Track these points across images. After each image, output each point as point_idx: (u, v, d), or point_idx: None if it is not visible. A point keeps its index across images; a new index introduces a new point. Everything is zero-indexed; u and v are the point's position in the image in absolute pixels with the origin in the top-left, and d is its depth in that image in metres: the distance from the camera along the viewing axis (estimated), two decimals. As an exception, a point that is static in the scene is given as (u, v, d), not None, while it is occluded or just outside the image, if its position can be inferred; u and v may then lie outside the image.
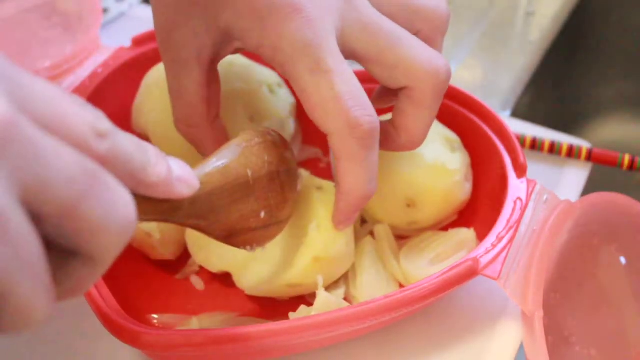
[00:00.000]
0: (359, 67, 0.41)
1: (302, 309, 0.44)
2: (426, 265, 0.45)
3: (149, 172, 0.27)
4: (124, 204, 0.24)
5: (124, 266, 0.45)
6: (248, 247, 0.37)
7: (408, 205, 0.46)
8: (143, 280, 0.46)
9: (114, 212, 0.23)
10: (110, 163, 0.24)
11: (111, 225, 0.23)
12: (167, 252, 0.46)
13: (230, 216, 0.35)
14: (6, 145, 0.21)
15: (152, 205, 0.29)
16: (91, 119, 0.24)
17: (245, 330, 0.38)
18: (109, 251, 0.24)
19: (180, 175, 0.29)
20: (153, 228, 0.45)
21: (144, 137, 0.49)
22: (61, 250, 0.23)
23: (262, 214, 0.37)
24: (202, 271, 0.46)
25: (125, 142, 0.25)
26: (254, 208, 0.36)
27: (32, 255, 0.21)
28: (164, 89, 0.48)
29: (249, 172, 0.36)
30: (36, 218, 0.22)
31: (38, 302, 0.22)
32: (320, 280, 0.44)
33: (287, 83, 0.52)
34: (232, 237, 0.36)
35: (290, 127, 0.50)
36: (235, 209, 0.35)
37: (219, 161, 0.34)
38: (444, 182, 0.45)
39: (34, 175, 0.21)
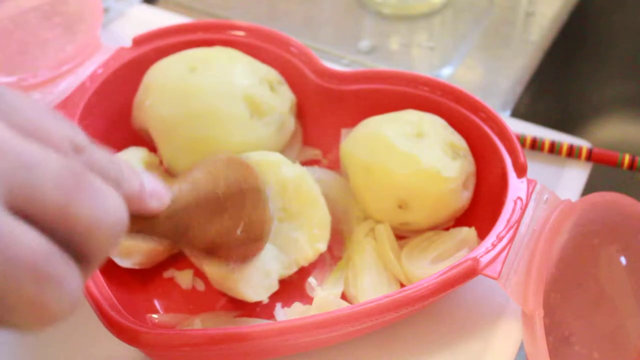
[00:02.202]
0: (359, 66, 0.41)
1: (296, 306, 0.44)
2: (427, 264, 0.45)
3: (123, 187, 0.27)
4: (113, 204, 0.24)
5: (124, 266, 0.45)
6: (231, 264, 0.38)
7: (400, 207, 0.46)
8: (143, 280, 0.46)
9: (105, 211, 0.24)
10: None
11: (103, 224, 0.24)
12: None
13: (207, 231, 0.36)
14: None
15: (129, 220, 0.29)
16: (70, 133, 0.25)
17: (245, 330, 0.38)
18: (102, 250, 0.24)
19: (152, 190, 0.30)
20: None
21: (145, 133, 0.49)
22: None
23: (239, 231, 0.38)
24: (202, 271, 0.46)
25: (100, 156, 0.26)
26: (229, 225, 0.37)
27: (32, 250, 0.22)
28: (165, 83, 0.48)
29: (219, 188, 0.37)
30: (32, 223, 0.22)
31: (49, 295, 0.22)
32: (314, 281, 0.45)
33: (288, 81, 0.52)
34: (212, 252, 0.37)
35: (290, 124, 0.50)
36: (210, 224, 0.36)
37: (188, 177, 0.35)
38: (437, 188, 0.45)
39: (21, 180, 0.22)
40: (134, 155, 0.48)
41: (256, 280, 0.43)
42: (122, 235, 0.25)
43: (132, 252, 0.44)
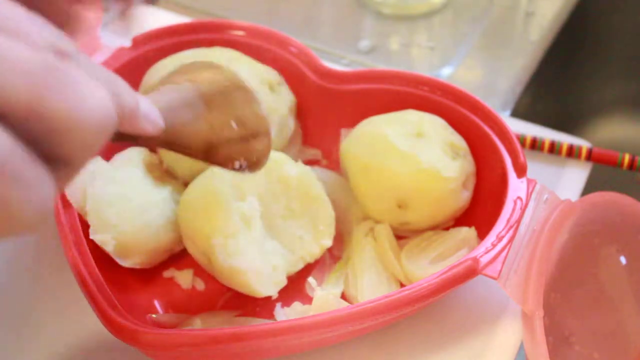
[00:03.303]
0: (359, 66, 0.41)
1: (296, 306, 0.44)
2: (427, 264, 0.45)
3: (117, 97, 0.25)
4: (98, 98, 0.22)
5: (124, 266, 0.45)
6: (236, 164, 0.37)
7: (399, 206, 0.46)
8: (143, 280, 0.46)
9: (84, 106, 0.22)
10: None
11: (83, 120, 0.22)
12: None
13: (200, 130, 0.35)
14: None
15: (117, 133, 0.28)
16: (52, 38, 0.23)
17: (245, 330, 0.38)
18: (84, 150, 0.22)
19: (146, 112, 0.29)
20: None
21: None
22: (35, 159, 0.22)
23: (233, 124, 0.37)
24: (202, 271, 0.46)
25: (88, 63, 0.24)
26: (221, 119, 0.37)
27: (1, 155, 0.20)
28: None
29: (201, 88, 0.36)
30: (3, 121, 0.21)
31: (15, 196, 0.20)
32: (314, 281, 0.45)
33: (287, 81, 0.52)
34: (212, 151, 0.36)
35: (290, 125, 0.50)
36: (202, 122, 0.36)
37: (172, 88, 0.35)
38: (437, 188, 0.45)
39: None
40: (135, 156, 0.48)
41: (266, 275, 0.43)
42: (106, 136, 0.23)
43: (132, 252, 0.44)
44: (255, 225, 0.43)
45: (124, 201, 0.43)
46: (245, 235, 0.42)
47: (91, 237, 0.42)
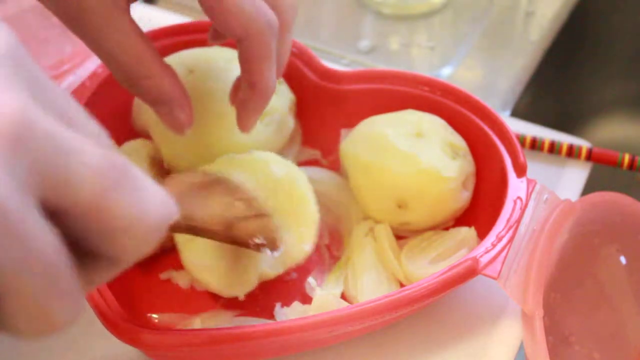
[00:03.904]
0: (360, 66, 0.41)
1: (296, 306, 0.44)
2: (427, 264, 0.45)
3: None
4: (156, 202, 0.22)
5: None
6: (257, 240, 0.38)
7: (399, 206, 0.46)
8: (143, 280, 0.46)
9: (144, 211, 0.21)
10: None
11: (143, 221, 0.21)
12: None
13: (212, 208, 0.37)
14: (22, 140, 0.19)
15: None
16: (97, 132, 0.23)
17: (245, 330, 0.38)
18: (135, 253, 0.22)
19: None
20: None
21: (145, 133, 0.49)
22: (82, 253, 0.22)
23: (238, 204, 0.38)
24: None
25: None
26: (226, 200, 0.38)
27: (48, 256, 0.20)
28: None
29: (201, 175, 0.40)
30: (57, 217, 0.20)
31: (55, 304, 0.20)
32: (314, 281, 0.45)
33: (287, 81, 0.52)
34: (232, 229, 0.37)
35: (289, 124, 0.50)
36: (210, 202, 0.37)
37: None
38: (437, 188, 0.45)
39: (55, 170, 0.20)
40: (141, 147, 0.48)
41: (231, 276, 0.42)
42: (161, 237, 0.23)
43: None
44: None
45: None
46: None
47: None
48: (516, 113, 0.62)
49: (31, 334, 0.21)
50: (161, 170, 0.48)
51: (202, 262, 0.42)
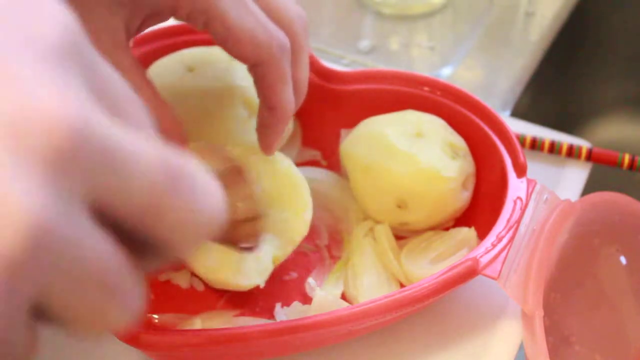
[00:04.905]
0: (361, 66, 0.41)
1: (296, 306, 0.44)
2: (427, 264, 0.45)
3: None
4: (211, 201, 0.21)
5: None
6: (247, 245, 0.38)
7: (399, 206, 0.46)
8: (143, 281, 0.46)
9: (198, 211, 0.21)
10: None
11: (192, 225, 0.21)
12: None
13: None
14: (79, 152, 0.18)
15: None
16: (148, 120, 0.22)
17: (245, 330, 0.38)
18: (183, 249, 0.21)
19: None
20: None
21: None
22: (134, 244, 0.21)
23: (239, 205, 0.38)
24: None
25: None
26: (230, 201, 0.37)
27: (104, 263, 0.19)
28: (164, 83, 0.48)
29: (222, 159, 0.39)
30: (112, 220, 0.20)
31: (111, 309, 0.20)
32: (313, 282, 0.45)
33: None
34: (226, 232, 0.37)
35: (289, 124, 0.50)
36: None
37: None
38: (437, 188, 0.45)
39: (109, 177, 0.19)
40: None
41: (247, 266, 0.42)
42: (213, 234, 0.22)
43: None
44: None
45: None
46: None
47: None
48: (516, 113, 0.62)
49: (85, 332, 0.20)
50: None
51: (212, 262, 0.41)
